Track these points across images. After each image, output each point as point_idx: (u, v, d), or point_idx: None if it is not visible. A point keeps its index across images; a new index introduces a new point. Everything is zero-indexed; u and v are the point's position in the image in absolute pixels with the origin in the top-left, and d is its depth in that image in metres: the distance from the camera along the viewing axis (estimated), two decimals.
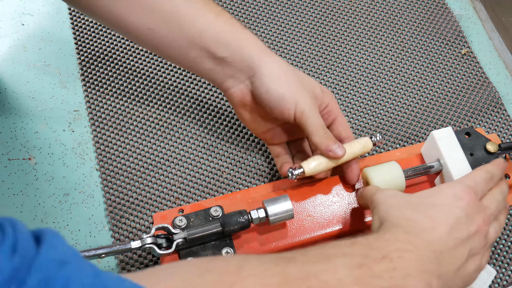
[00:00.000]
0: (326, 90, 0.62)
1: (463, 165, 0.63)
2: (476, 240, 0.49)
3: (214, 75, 0.60)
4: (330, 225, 0.65)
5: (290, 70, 0.59)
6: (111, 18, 0.57)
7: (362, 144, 0.62)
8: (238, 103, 0.61)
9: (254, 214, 0.58)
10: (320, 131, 0.58)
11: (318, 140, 0.58)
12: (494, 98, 0.79)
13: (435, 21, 0.86)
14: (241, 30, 0.59)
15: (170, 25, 0.57)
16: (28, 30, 0.79)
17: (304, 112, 0.57)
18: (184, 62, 0.60)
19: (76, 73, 0.77)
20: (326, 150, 0.58)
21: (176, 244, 0.57)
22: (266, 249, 0.62)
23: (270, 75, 0.58)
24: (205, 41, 0.58)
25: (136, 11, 0.56)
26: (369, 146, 0.62)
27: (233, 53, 0.58)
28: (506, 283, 0.66)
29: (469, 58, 0.83)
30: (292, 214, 0.58)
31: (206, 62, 0.59)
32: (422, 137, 0.75)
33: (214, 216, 0.61)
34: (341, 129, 0.62)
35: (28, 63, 0.77)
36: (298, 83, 0.59)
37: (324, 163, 0.60)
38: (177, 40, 0.58)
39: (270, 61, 0.58)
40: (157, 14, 0.56)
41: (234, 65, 0.58)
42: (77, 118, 0.73)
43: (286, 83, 0.58)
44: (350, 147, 0.61)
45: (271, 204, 0.58)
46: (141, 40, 0.60)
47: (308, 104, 0.58)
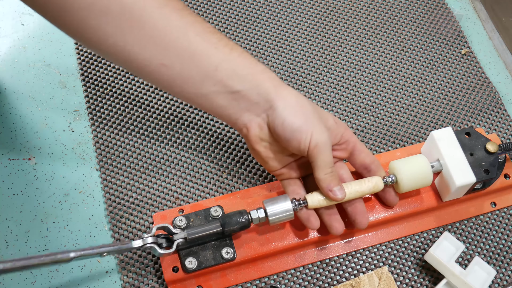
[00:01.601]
0: (339, 121, 0.62)
1: (463, 165, 0.63)
2: None
3: (229, 110, 0.58)
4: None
5: (306, 102, 0.58)
6: (122, 56, 0.55)
7: (373, 184, 0.60)
8: (254, 138, 0.59)
9: (254, 214, 0.58)
10: (327, 168, 0.57)
11: (323, 177, 0.57)
12: (494, 98, 0.79)
13: (435, 21, 0.86)
14: (256, 63, 0.58)
15: (184, 60, 0.55)
16: (28, 30, 0.79)
17: (318, 144, 0.56)
18: (198, 98, 0.58)
19: (76, 73, 0.77)
20: (326, 189, 0.58)
21: (177, 244, 0.57)
22: (266, 249, 0.62)
23: (286, 107, 0.56)
24: (220, 75, 0.56)
25: (150, 47, 0.54)
26: (379, 186, 0.61)
27: (249, 87, 0.57)
28: (506, 283, 0.66)
29: (469, 58, 0.83)
30: (292, 215, 0.58)
31: (221, 97, 0.57)
32: (422, 137, 0.75)
33: (214, 216, 0.61)
34: (364, 155, 0.62)
35: (28, 63, 0.77)
36: (315, 114, 0.58)
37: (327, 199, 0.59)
38: (191, 75, 0.56)
39: (286, 93, 0.57)
40: (171, 49, 0.55)
41: (250, 99, 0.57)
42: (77, 118, 0.73)
43: (303, 114, 0.57)
44: (359, 185, 0.60)
45: (270, 204, 0.58)
46: (153, 77, 0.57)
47: (324, 136, 0.57)
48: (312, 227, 0.60)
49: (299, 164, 0.62)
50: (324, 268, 0.65)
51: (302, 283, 0.64)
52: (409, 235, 0.67)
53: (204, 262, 0.60)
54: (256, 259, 0.62)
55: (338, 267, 0.65)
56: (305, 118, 0.57)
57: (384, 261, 0.66)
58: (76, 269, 0.63)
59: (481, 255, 0.67)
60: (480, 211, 0.69)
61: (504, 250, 0.68)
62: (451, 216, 0.68)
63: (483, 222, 0.69)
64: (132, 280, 0.63)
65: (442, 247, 0.63)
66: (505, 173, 0.69)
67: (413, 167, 0.61)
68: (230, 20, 0.83)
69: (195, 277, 0.61)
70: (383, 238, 0.66)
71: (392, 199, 0.64)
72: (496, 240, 0.68)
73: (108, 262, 0.64)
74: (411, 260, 0.66)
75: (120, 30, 0.53)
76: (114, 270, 0.63)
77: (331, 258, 0.65)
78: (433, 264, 0.61)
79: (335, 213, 0.61)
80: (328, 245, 0.65)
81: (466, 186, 0.63)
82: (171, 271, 0.60)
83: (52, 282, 0.62)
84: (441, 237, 0.64)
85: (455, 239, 0.64)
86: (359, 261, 0.66)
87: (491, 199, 0.70)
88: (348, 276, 0.65)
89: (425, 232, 0.68)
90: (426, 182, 0.62)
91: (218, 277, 0.62)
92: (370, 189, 0.60)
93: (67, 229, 0.65)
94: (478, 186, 0.66)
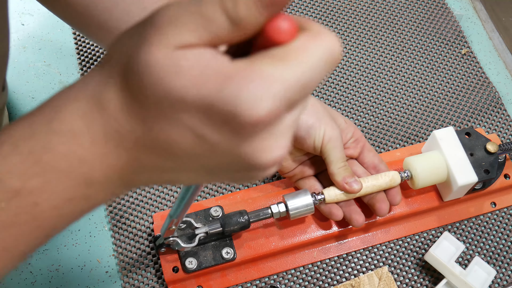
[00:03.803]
0: (348, 120, 0.63)
1: (464, 165, 0.63)
2: None
3: None
4: (330, 225, 0.65)
5: (316, 101, 0.60)
6: None
7: (390, 177, 0.60)
8: None
9: (274, 209, 0.58)
10: (340, 162, 0.58)
11: (337, 170, 0.58)
12: (494, 98, 0.79)
13: (435, 21, 0.86)
14: None
15: None
16: (28, 30, 0.79)
17: (331, 139, 0.58)
18: None
19: (76, 73, 0.77)
20: (342, 182, 0.58)
21: (198, 238, 0.57)
22: (266, 249, 0.62)
23: None
24: None
25: None
26: (397, 180, 0.61)
27: None
28: (506, 283, 0.66)
29: (469, 58, 0.83)
30: (312, 209, 0.58)
31: None
32: (422, 137, 0.75)
33: (214, 216, 0.61)
34: (372, 155, 0.63)
35: (28, 63, 0.77)
36: (325, 113, 0.59)
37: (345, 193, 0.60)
38: None
39: None
40: None
41: None
42: None
43: (315, 113, 0.58)
44: (376, 179, 0.60)
45: (291, 198, 0.58)
46: None
47: (336, 132, 0.58)
48: (335, 219, 0.61)
49: (311, 162, 0.63)
50: (324, 268, 0.65)
51: (302, 283, 0.64)
52: (409, 235, 0.67)
53: (204, 262, 0.60)
54: (256, 259, 0.62)
55: (338, 267, 0.65)
56: (317, 116, 0.58)
57: (384, 261, 0.66)
58: (76, 269, 0.63)
59: (481, 255, 0.67)
60: (480, 211, 0.69)
61: (504, 250, 0.68)
62: (451, 216, 0.68)
63: (483, 222, 0.69)
64: (132, 280, 0.63)
65: (442, 247, 0.63)
66: (505, 173, 0.69)
67: (428, 163, 0.62)
68: None
69: (195, 277, 0.61)
70: (383, 238, 0.66)
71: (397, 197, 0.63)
72: (496, 240, 0.68)
73: (108, 262, 0.64)
74: (411, 260, 0.66)
75: None
76: (114, 270, 0.63)
77: (331, 258, 0.65)
78: (433, 264, 0.61)
79: (353, 206, 0.61)
80: (328, 245, 0.65)
81: (467, 186, 0.63)
82: (171, 271, 0.60)
83: (52, 282, 0.62)
84: (441, 237, 0.64)
85: (455, 239, 0.64)
86: (359, 261, 0.66)
87: (491, 199, 0.70)
88: (348, 276, 0.65)
89: (425, 232, 0.68)
90: (441, 178, 0.62)
91: (218, 277, 0.62)
92: (387, 183, 0.60)
93: (67, 229, 0.65)
94: (478, 186, 0.66)
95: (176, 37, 0.26)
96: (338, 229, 0.64)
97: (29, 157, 0.29)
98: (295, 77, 0.26)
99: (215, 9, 0.26)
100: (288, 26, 0.26)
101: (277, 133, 0.28)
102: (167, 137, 0.28)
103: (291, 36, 0.26)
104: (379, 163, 0.63)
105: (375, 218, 0.65)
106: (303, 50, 0.26)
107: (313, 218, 0.64)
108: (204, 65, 0.26)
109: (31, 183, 0.29)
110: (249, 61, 0.26)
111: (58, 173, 0.29)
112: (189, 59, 0.26)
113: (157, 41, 0.26)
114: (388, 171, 0.61)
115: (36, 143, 0.29)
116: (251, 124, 0.26)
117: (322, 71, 0.27)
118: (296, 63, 0.26)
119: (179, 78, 0.26)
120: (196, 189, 0.37)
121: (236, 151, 0.28)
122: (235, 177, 0.31)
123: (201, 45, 0.26)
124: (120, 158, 0.29)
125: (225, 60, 0.26)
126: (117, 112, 0.28)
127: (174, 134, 0.28)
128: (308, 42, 0.26)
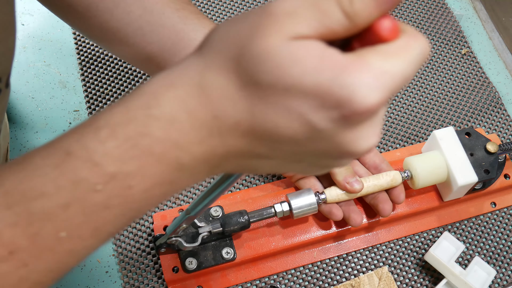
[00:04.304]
0: None
1: (465, 164, 0.63)
2: None
3: None
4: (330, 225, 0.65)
5: None
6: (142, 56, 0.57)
7: (391, 177, 0.60)
8: None
9: (277, 208, 0.58)
10: None
11: (338, 170, 0.58)
12: (494, 98, 0.79)
13: (435, 21, 0.86)
14: None
15: None
16: (28, 30, 0.79)
17: None
18: None
19: (76, 73, 0.77)
20: (343, 182, 0.58)
21: (202, 237, 0.57)
22: (266, 249, 0.62)
23: None
24: None
25: (168, 48, 0.56)
26: (398, 180, 0.61)
27: None
28: (506, 283, 0.66)
29: (469, 58, 0.83)
30: (316, 208, 0.58)
31: None
32: (422, 137, 0.75)
33: (214, 216, 0.61)
34: (373, 155, 0.63)
35: (28, 63, 0.77)
36: None
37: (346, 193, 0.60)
38: None
39: None
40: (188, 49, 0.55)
41: None
42: (77, 118, 0.73)
43: None
44: (377, 179, 0.60)
45: (294, 197, 0.58)
46: None
47: None
48: (335, 219, 0.61)
49: None
50: (324, 268, 0.65)
51: (302, 283, 0.64)
52: (409, 235, 0.67)
53: (204, 262, 0.60)
54: (256, 259, 0.62)
55: (338, 267, 0.65)
56: None
57: (384, 261, 0.66)
58: (76, 269, 0.63)
59: (481, 255, 0.67)
60: (480, 211, 0.69)
61: (504, 250, 0.68)
62: (451, 216, 0.68)
63: (483, 222, 0.69)
64: (132, 280, 0.63)
65: (442, 247, 0.63)
66: (505, 173, 0.69)
67: (428, 163, 0.62)
68: None
69: (195, 277, 0.61)
70: (383, 238, 0.66)
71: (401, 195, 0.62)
72: (496, 240, 0.68)
73: (108, 262, 0.64)
74: (411, 260, 0.66)
75: (141, 30, 0.55)
76: (114, 270, 0.63)
77: (331, 258, 0.65)
78: (433, 264, 0.61)
79: (352, 205, 0.61)
80: (328, 245, 0.65)
81: (467, 186, 0.63)
82: (171, 271, 0.60)
83: None
84: (441, 237, 0.64)
85: (455, 239, 0.64)
86: (359, 261, 0.66)
87: (491, 199, 0.70)
88: (348, 276, 0.65)
89: (425, 232, 0.68)
90: (441, 178, 0.62)
91: (218, 277, 0.62)
92: (388, 182, 0.60)
93: None
94: (478, 186, 0.66)
95: (293, 28, 0.28)
96: (338, 229, 0.64)
97: (126, 142, 0.30)
98: (401, 71, 0.28)
99: (331, 3, 0.28)
100: (395, 26, 0.29)
101: (375, 122, 0.30)
102: (273, 122, 0.29)
103: (395, 35, 0.29)
104: (381, 162, 0.63)
105: (375, 218, 0.65)
106: (407, 48, 0.28)
107: (313, 218, 0.64)
108: (319, 55, 0.28)
109: (127, 167, 0.30)
110: (359, 54, 0.28)
111: (152, 157, 0.30)
112: (306, 49, 0.28)
113: (274, 30, 0.28)
114: (389, 171, 0.61)
115: (133, 128, 0.30)
116: (362, 111, 0.28)
117: (418, 67, 0.29)
118: (402, 58, 0.28)
119: (297, 66, 0.27)
120: (234, 180, 0.38)
121: (338, 138, 0.29)
122: (322, 164, 0.33)
123: (314, 37, 0.28)
124: (212, 144, 0.30)
125: (336, 52, 0.28)
126: (219, 98, 0.29)
127: (281, 120, 0.29)
128: (410, 41, 0.29)
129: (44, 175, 0.30)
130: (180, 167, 0.31)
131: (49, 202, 0.30)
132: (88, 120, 0.32)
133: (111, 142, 0.30)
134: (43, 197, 0.30)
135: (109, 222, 0.32)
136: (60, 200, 0.30)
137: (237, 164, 0.32)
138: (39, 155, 0.31)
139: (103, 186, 0.30)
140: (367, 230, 0.66)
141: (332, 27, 0.28)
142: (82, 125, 0.31)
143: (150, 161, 0.30)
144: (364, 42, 0.29)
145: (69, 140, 0.31)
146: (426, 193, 0.67)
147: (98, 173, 0.30)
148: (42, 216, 0.30)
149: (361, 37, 0.29)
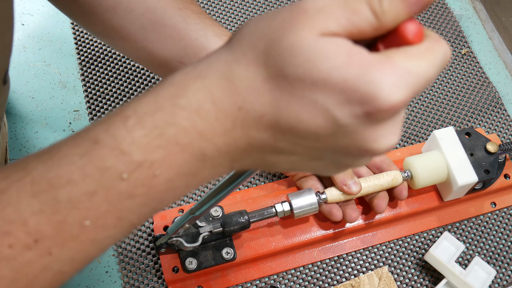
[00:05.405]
0: None
1: (465, 164, 0.63)
2: None
3: None
4: (330, 225, 0.65)
5: None
6: (143, 54, 0.57)
7: (391, 177, 0.61)
8: None
9: (278, 208, 0.58)
10: None
11: None
12: (494, 98, 0.79)
13: (435, 21, 0.86)
14: None
15: None
16: (28, 30, 0.79)
17: None
18: None
19: (76, 73, 0.77)
20: (341, 183, 0.59)
21: (202, 237, 0.57)
22: (266, 249, 0.62)
23: None
24: None
25: (170, 46, 0.56)
26: (398, 179, 0.61)
27: None
28: (506, 283, 0.66)
29: (469, 58, 0.83)
30: (316, 208, 0.59)
31: None
32: (422, 137, 0.75)
33: (214, 216, 0.61)
34: None
35: (28, 63, 0.77)
36: None
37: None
38: None
39: None
40: (189, 48, 0.56)
41: None
42: (77, 118, 0.73)
43: None
44: (378, 179, 0.60)
45: (295, 197, 0.58)
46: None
47: None
48: (335, 219, 0.61)
49: None
50: (324, 268, 0.65)
51: (302, 283, 0.64)
52: (409, 235, 0.67)
53: (204, 262, 0.60)
54: (256, 259, 0.62)
55: (338, 267, 0.65)
56: None
57: (384, 261, 0.66)
58: None
59: (481, 255, 0.67)
60: (480, 211, 0.69)
61: (504, 250, 0.68)
62: (451, 216, 0.68)
63: (483, 222, 0.69)
64: (132, 280, 0.63)
65: (442, 247, 0.63)
66: (505, 173, 0.69)
67: (428, 163, 0.62)
68: (230, 20, 0.83)
69: (195, 277, 0.61)
70: (383, 238, 0.66)
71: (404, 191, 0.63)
72: (496, 240, 0.68)
73: (108, 262, 0.64)
74: (411, 260, 0.66)
75: (143, 29, 0.55)
76: (114, 270, 0.63)
77: (331, 258, 0.65)
78: (433, 264, 0.61)
79: (351, 203, 0.62)
80: (328, 245, 0.65)
81: (467, 186, 0.63)
82: (171, 271, 0.60)
83: None
84: (441, 237, 0.64)
85: (455, 239, 0.64)
86: (359, 261, 0.66)
87: (491, 199, 0.70)
88: (348, 276, 0.65)
89: (425, 232, 0.68)
90: (441, 178, 0.62)
91: (218, 277, 0.62)
92: (389, 182, 0.60)
93: None
94: (478, 186, 0.66)
95: (323, 25, 0.29)
96: (338, 229, 0.64)
97: (152, 131, 0.30)
98: (425, 72, 0.29)
99: (361, 2, 0.29)
100: (420, 30, 0.30)
101: (397, 121, 0.30)
102: (297, 116, 0.29)
103: (420, 38, 0.30)
104: (382, 162, 0.63)
105: (375, 218, 0.65)
106: (431, 51, 0.29)
107: (313, 218, 0.64)
108: (348, 52, 0.28)
109: (153, 156, 0.30)
110: (385, 54, 0.29)
111: (178, 147, 0.30)
112: (336, 45, 0.28)
113: (305, 26, 0.29)
114: (390, 171, 0.61)
115: (160, 118, 0.30)
116: (385, 108, 0.28)
117: (440, 70, 0.30)
118: (426, 60, 0.29)
119: (326, 60, 0.28)
120: (244, 179, 0.38)
121: (359, 135, 0.30)
122: (341, 162, 0.33)
123: (343, 35, 0.29)
124: (235, 136, 0.31)
125: (364, 50, 0.29)
126: (247, 90, 0.30)
127: (305, 113, 0.29)
128: (434, 45, 0.30)
129: (71, 163, 0.30)
130: (203, 158, 0.31)
131: (75, 190, 0.30)
132: (116, 110, 0.32)
133: (139, 131, 0.30)
134: (69, 184, 0.30)
135: (132, 212, 0.32)
136: (86, 188, 0.30)
137: (257, 158, 0.33)
138: (67, 144, 0.32)
139: (129, 174, 0.30)
140: (367, 230, 0.66)
141: (361, 26, 0.29)
142: (110, 115, 0.32)
143: (175, 151, 0.30)
144: (389, 44, 0.30)
145: (96, 130, 0.31)
146: (426, 193, 0.67)
147: (125, 161, 0.30)
148: (68, 204, 0.30)
149: (386, 39, 0.30)
